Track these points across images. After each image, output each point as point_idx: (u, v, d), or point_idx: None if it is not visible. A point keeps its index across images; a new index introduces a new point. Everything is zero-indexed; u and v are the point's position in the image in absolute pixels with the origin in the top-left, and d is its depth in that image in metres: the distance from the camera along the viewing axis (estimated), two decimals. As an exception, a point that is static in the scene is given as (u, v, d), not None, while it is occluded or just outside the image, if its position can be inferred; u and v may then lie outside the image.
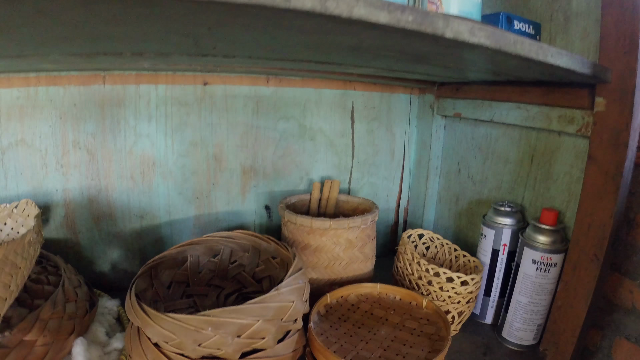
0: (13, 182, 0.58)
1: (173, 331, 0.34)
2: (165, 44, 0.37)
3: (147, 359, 0.37)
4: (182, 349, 0.35)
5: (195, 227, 0.62)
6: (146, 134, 0.58)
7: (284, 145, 0.61)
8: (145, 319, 0.36)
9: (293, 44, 0.36)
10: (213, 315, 0.35)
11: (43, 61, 0.47)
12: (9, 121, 0.56)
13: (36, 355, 0.38)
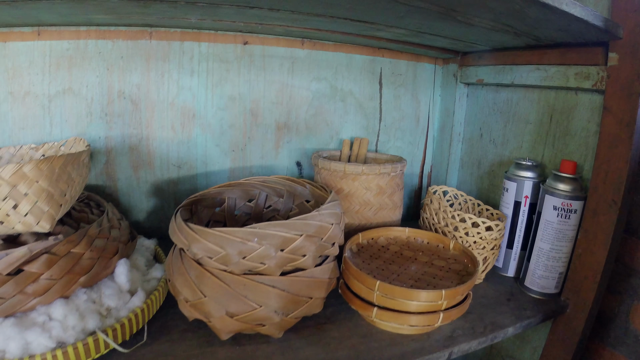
0: (57, 129, 0.67)
1: (220, 244, 0.39)
2: None
3: (189, 276, 0.42)
4: (226, 263, 0.40)
5: (230, 179, 0.70)
6: (188, 87, 0.67)
7: (316, 105, 0.70)
8: (192, 235, 0.41)
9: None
10: (259, 227, 0.40)
11: (99, 10, 0.55)
12: (57, 71, 0.65)
13: (82, 267, 0.43)
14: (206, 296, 0.40)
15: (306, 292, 0.43)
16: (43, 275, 0.40)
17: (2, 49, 0.63)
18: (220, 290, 0.40)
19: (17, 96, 0.65)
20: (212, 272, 0.41)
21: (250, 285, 0.40)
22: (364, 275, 0.48)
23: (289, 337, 0.45)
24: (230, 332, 0.43)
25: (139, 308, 0.44)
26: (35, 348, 0.38)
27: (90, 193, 0.61)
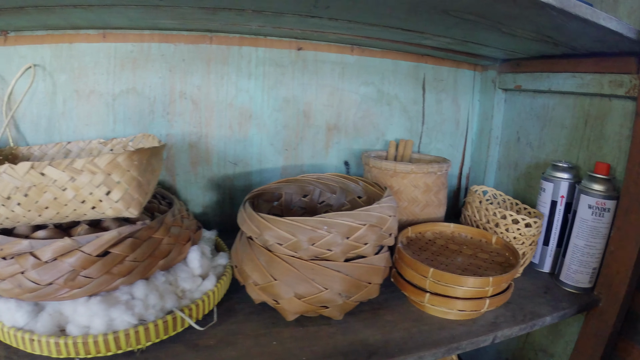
0: (120, 126, 0.79)
1: (291, 232, 0.47)
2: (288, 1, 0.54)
3: (259, 262, 0.51)
4: (296, 249, 0.48)
5: (282, 176, 0.82)
6: (246, 89, 0.80)
7: (364, 108, 0.83)
8: (264, 223, 0.50)
9: (397, 5, 0.52)
10: (328, 217, 0.49)
11: (168, 16, 0.64)
12: (122, 71, 0.77)
13: (161, 251, 0.51)
14: (276, 279, 0.49)
15: (366, 278, 0.53)
16: (128, 257, 0.48)
17: (68, 50, 0.76)
18: (290, 274, 0.49)
19: (82, 94, 0.77)
20: (281, 258, 0.49)
21: (317, 269, 0.49)
22: (419, 263, 0.60)
23: (347, 319, 0.54)
24: (297, 313, 0.52)
25: (210, 291, 0.53)
26: (119, 324, 0.45)
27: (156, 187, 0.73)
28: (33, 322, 0.46)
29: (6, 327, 0.46)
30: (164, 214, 0.58)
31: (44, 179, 0.44)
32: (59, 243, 0.46)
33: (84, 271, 0.46)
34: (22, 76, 0.73)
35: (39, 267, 0.46)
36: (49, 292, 0.46)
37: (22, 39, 0.75)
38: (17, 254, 0.47)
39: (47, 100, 0.76)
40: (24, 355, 0.46)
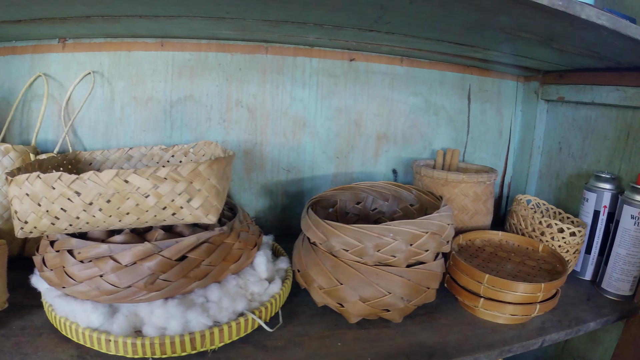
0: (177, 132, 0.88)
1: (358, 238, 0.54)
2: (351, 15, 0.60)
3: (324, 267, 0.59)
4: (361, 255, 0.54)
5: (333, 183, 0.91)
6: (300, 99, 0.89)
7: (413, 117, 0.92)
8: (330, 230, 0.56)
9: (457, 23, 0.60)
10: (393, 225, 0.56)
11: (229, 27, 0.71)
12: (179, 79, 0.86)
13: (233, 256, 0.57)
14: (342, 284, 0.56)
15: (426, 283, 0.59)
16: (204, 261, 0.53)
17: (126, 57, 0.85)
18: (355, 278, 0.55)
19: (140, 101, 0.86)
20: (347, 263, 0.56)
21: (381, 274, 0.55)
22: (474, 269, 0.69)
23: (405, 322, 0.60)
24: (360, 315, 0.58)
25: (277, 294, 0.58)
26: (195, 326, 0.50)
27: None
28: (108, 323, 0.51)
29: (81, 327, 0.51)
30: (229, 220, 0.65)
31: (127, 186, 0.50)
32: (139, 247, 0.51)
33: (162, 275, 0.51)
34: (79, 82, 0.81)
35: (119, 271, 0.51)
36: (127, 294, 0.51)
37: (80, 46, 0.83)
38: (96, 258, 0.52)
39: (105, 106, 0.84)
40: (96, 354, 0.51)
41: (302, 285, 0.64)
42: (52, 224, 0.52)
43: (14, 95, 0.85)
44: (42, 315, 0.59)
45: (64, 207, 0.51)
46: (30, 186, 0.50)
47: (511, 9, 0.49)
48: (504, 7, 0.49)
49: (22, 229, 0.53)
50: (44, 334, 0.56)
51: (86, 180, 0.49)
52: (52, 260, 0.54)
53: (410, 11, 0.56)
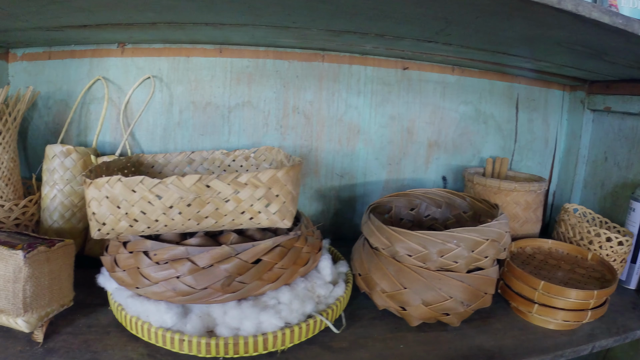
0: (235, 137, 0.98)
1: (422, 244, 0.60)
2: (415, 27, 0.66)
3: (388, 271, 0.65)
4: (424, 260, 0.60)
5: (384, 190, 1.01)
6: (355, 106, 0.99)
7: (463, 126, 1.02)
8: (395, 236, 0.62)
9: (515, 36, 0.69)
10: (456, 231, 0.60)
11: (291, 36, 0.79)
12: (237, 85, 0.96)
13: (302, 259, 0.62)
14: (406, 288, 0.62)
15: (484, 288, 0.64)
16: (277, 264, 0.58)
17: (185, 63, 0.95)
18: (418, 283, 0.62)
19: (199, 106, 0.96)
20: (410, 268, 0.62)
21: (444, 279, 0.61)
22: (529, 276, 0.79)
23: (462, 326, 0.66)
24: (421, 319, 0.64)
25: (341, 297, 0.64)
26: (267, 327, 0.55)
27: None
28: (181, 324, 0.56)
29: (154, 327, 0.56)
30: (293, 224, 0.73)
31: (208, 191, 0.55)
32: (217, 250, 0.56)
33: (238, 277, 0.56)
34: (138, 86, 0.89)
35: (196, 272, 0.56)
36: (202, 295, 0.56)
37: (139, 51, 0.93)
38: (172, 259, 0.56)
39: (164, 110, 0.94)
40: (166, 353, 0.56)
41: (362, 289, 0.71)
42: (130, 226, 0.58)
43: (72, 98, 0.95)
44: (108, 314, 0.65)
45: (144, 210, 0.56)
46: (111, 189, 0.56)
47: (572, 25, 0.55)
48: (565, 24, 0.55)
49: (100, 230, 0.58)
50: (112, 333, 0.61)
51: (169, 184, 0.55)
52: (125, 261, 0.60)
53: (473, 25, 0.63)
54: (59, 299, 0.63)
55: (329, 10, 0.60)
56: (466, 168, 0.95)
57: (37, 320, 0.60)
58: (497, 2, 0.49)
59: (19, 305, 0.57)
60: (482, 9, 0.54)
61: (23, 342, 0.60)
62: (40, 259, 0.58)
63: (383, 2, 0.53)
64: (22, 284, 0.57)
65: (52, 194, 0.83)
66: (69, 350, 0.58)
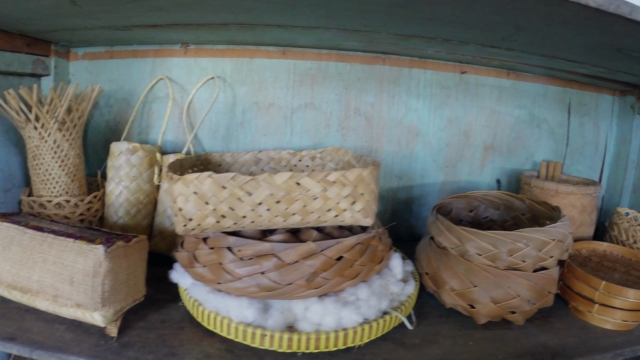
0: (297, 138, 1.07)
1: (493, 244, 0.65)
2: (482, 33, 0.71)
3: (457, 270, 0.70)
4: (494, 259, 0.66)
5: (441, 191, 1.10)
6: (414, 109, 1.08)
7: (517, 129, 1.11)
8: (466, 236, 0.67)
9: (580, 44, 0.74)
10: (525, 232, 0.65)
11: (356, 39, 0.86)
12: (301, 86, 1.05)
13: (378, 256, 0.67)
14: (475, 286, 0.68)
15: (548, 288, 0.68)
16: (357, 261, 0.63)
17: (248, 64, 1.04)
18: (487, 281, 0.67)
19: (262, 106, 1.05)
20: (480, 267, 0.68)
21: (512, 278, 0.66)
22: (590, 276, 0.86)
23: (525, 325, 0.71)
24: (489, 317, 0.68)
25: (412, 294, 0.69)
26: (347, 322, 0.59)
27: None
28: (262, 319, 0.60)
29: (234, 322, 0.59)
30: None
31: (298, 189, 0.59)
32: (303, 247, 0.60)
33: (322, 273, 0.60)
34: (201, 86, 0.96)
35: (281, 268, 0.60)
36: (286, 291, 0.60)
37: (202, 52, 1.02)
38: (257, 255, 0.61)
39: (227, 110, 1.03)
40: (244, 348, 0.61)
41: (429, 287, 0.77)
42: (217, 222, 0.61)
43: (134, 97, 1.03)
44: (179, 310, 0.71)
45: (233, 206, 0.60)
46: (200, 185, 0.59)
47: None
48: (633, 33, 0.60)
49: (185, 226, 0.62)
50: (186, 328, 0.66)
51: (260, 181, 0.58)
52: (206, 257, 0.64)
53: (541, 32, 0.67)
54: (133, 294, 0.68)
55: (406, 16, 0.65)
56: (522, 171, 1.04)
57: (113, 314, 0.63)
58: (573, 12, 0.54)
59: (97, 299, 0.60)
60: (556, 18, 0.59)
61: (96, 336, 0.64)
62: (119, 253, 0.62)
63: (462, 10, 0.59)
64: (101, 278, 0.60)
65: (117, 190, 0.90)
66: (144, 345, 0.62)
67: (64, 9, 0.66)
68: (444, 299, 0.75)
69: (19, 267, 0.65)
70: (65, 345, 0.62)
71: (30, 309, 0.70)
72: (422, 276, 0.79)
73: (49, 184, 0.84)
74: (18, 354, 0.62)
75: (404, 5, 0.59)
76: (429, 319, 0.73)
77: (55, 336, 0.64)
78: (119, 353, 0.61)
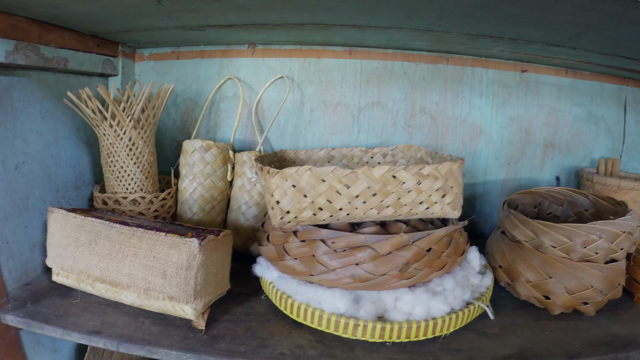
0: (364, 136, 1.16)
1: (568, 236, 0.71)
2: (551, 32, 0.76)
3: (532, 262, 0.77)
4: (568, 251, 0.71)
5: (502, 189, 1.19)
6: (477, 107, 1.17)
7: (576, 127, 1.20)
8: (542, 229, 0.73)
9: None
10: (598, 224, 0.70)
11: (428, 39, 0.93)
12: (367, 85, 1.14)
13: (460, 249, 0.73)
14: (551, 277, 0.74)
15: (618, 279, 0.74)
16: (444, 253, 0.68)
17: (316, 64, 1.13)
18: (562, 273, 0.73)
19: (329, 105, 1.14)
20: (555, 259, 0.74)
21: (586, 269, 0.72)
22: None
23: (595, 316, 0.76)
24: (563, 307, 0.74)
25: (490, 286, 0.75)
26: (436, 312, 0.64)
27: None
28: (353, 310, 0.64)
29: (326, 313, 0.64)
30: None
31: (394, 182, 0.64)
32: (396, 238, 0.65)
33: (414, 264, 0.65)
34: (269, 85, 1.06)
35: (376, 259, 0.65)
36: (379, 282, 0.65)
37: (269, 52, 1.11)
38: (352, 247, 0.65)
39: (295, 109, 1.12)
40: (334, 339, 0.65)
41: (502, 280, 0.83)
42: (314, 215, 0.66)
43: (201, 96, 1.12)
44: (262, 303, 0.77)
45: (330, 199, 0.65)
46: (298, 178, 0.64)
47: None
48: None
49: (282, 218, 0.66)
50: (272, 320, 0.71)
51: (359, 174, 0.63)
52: (297, 249, 0.69)
53: (609, 31, 0.71)
54: (220, 287, 0.72)
55: (483, 16, 0.71)
56: (582, 168, 1.14)
57: (202, 307, 0.67)
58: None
59: (189, 292, 0.64)
60: (627, 18, 0.62)
61: (184, 329, 0.68)
62: (211, 247, 0.66)
63: (540, 11, 0.64)
64: (194, 271, 0.64)
65: (192, 187, 0.98)
66: (234, 337, 0.67)
67: (146, 8, 0.72)
68: (518, 291, 0.81)
69: (107, 260, 0.69)
70: (153, 338, 0.66)
71: (111, 303, 0.75)
72: (495, 269, 0.85)
73: (123, 180, 0.91)
74: (104, 347, 0.65)
75: (486, 6, 0.65)
76: (504, 310, 0.78)
77: (142, 329, 0.68)
78: (210, 345, 0.65)
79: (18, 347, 0.75)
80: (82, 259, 0.71)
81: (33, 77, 0.81)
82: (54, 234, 0.74)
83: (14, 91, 0.76)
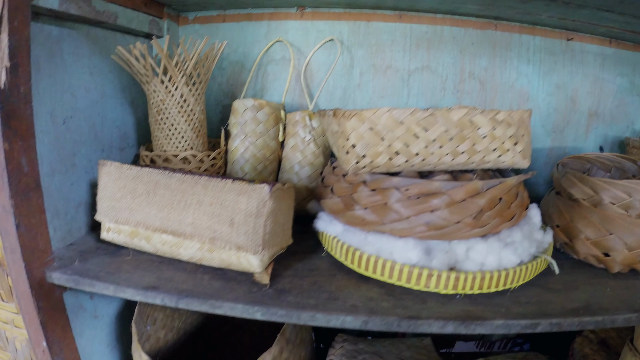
0: (414, 100, 1.22)
1: (628, 192, 0.73)
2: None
3: (591, 220, 0.77)
4: (627, 208, 0.74)
5: (548, 156, 1.25)
6: (525, 74, 1.24)
7: (619, 97, 1.28)
8: (601, 185, 0.76)
9: None
10: None
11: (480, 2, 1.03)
12: (417, 50, 1.20)
13: (524, 201, 0.74)
14: (611, 234, 0.76)
15: None
16: (513, 203, 0.70)
17: (365, 27, 1.19)
18: (622, 229, 0.75)
19: (379, 69, 1.19)
20: (614, 215, 0.76)
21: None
22: None
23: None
24: (622, 264, 0.76)
25: (550, 243, 0.77)
26: (507, 263, 0.65)
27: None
28: (426, 260, 0.65)
29: (398, 264, 0.65)
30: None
31: (470, 126, 0.64)
32: (471, 185, 0.65)
33: (488, 212, 0.66)
34: (318, 48, 1.12)
35: (452, 207, 0.65)
36: (453, 230, 0.66)
37: (318, 15, 1.17)
38: (427, 194, 0.66)
39: (344, 72, 1.18)
40: (403, 292, 0.67)
41: (560, 239, 0.86)
42: (390, 159, 0.66)
43: (248, 59, 1.17)
44: (323, 260, 0.78)
45: (407, 142, 0.65)
46: (376, 121, 0.64)
47: None
48: None
49: (357, 163, 0.67)
50: (337, 275, 0.73)
51: (438, 116, 0.64)
52: (367, 199, 0.70)
53: None
54: (285, 240, 0.73)
55: None
56: (627, 137, 1.21)
57: (268, 259, 0.68)
58: None
59: (258, 241, 0.64)
60: None
61: (247, 284, 0.68)
62: (279, 195, 0.66)
63: None
64: (264, 219, 0.64)
65: (243, 147, 1.02)
66: (301, 290, 0.67)
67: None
68: (577, 249, 0.83)
69: (168, 210, 0.69)
70: (216, 292, 0.66)
71: (165, 260, 0.75)
72: (554, 229, 0.87)
73: (174, 138, 0.92)
74: (162, 303, 0.63)
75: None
76: (563, 269, 0.79)
77: (202, 284, 0.68)
78: (277, 298, 0.65)
79: (62, 309, 0.76)
80: (140, 210, 0.71)
81: (83, 30, 0.83)
82: (106, 187, 0.74)
83: (63, 43, 0.78)
